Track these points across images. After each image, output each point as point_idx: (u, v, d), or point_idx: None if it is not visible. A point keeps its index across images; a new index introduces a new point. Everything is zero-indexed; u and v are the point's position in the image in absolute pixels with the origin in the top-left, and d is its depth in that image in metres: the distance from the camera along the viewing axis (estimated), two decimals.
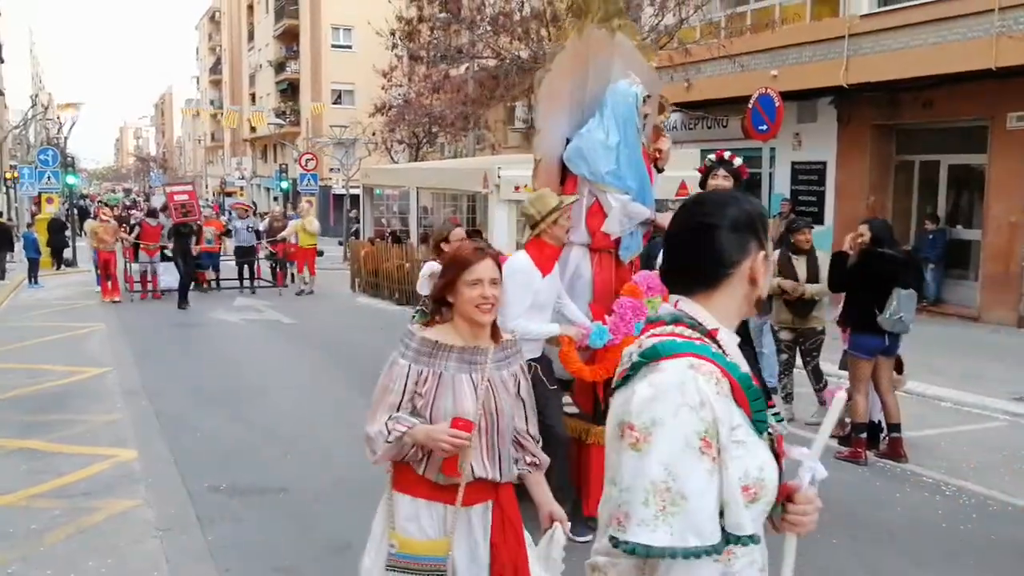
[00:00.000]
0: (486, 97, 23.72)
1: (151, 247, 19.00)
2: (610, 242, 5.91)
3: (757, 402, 1.84)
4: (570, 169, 5.89)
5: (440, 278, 3.08)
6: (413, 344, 3.05)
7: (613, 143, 5.70)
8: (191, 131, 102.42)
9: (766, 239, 1.97)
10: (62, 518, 6.02)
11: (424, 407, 3.02)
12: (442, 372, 3.02)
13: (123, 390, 9.96)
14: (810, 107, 17.18)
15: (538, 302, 5.33)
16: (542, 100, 5.97)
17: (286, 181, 41.59)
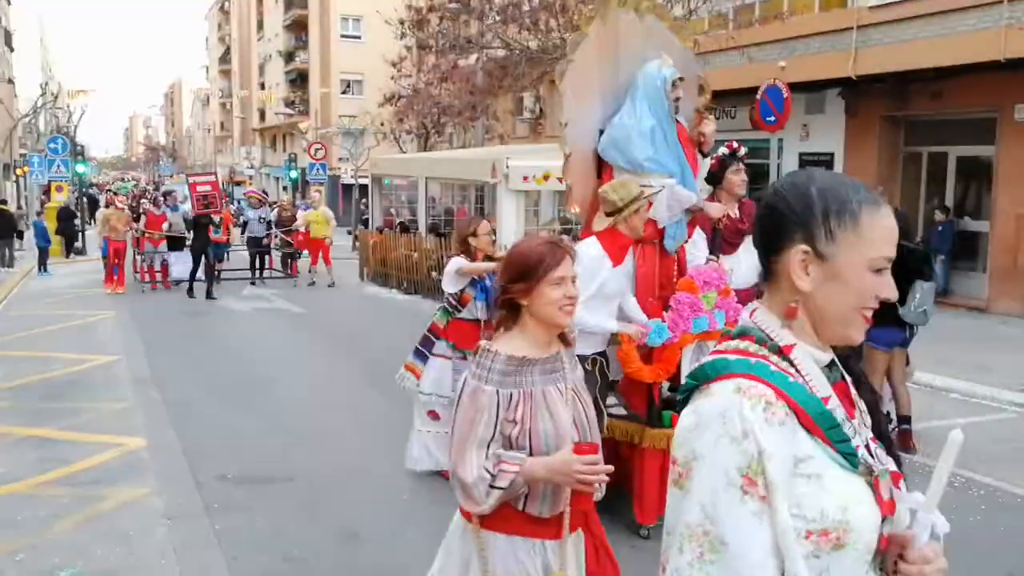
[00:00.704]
0: (495, 87, 23.70)
1: (155, 236, 18.82)
2: (654, 232, 5.64)
3: (834, 430, 1.54)
4: (606, 160, 5.67)
5: (512, 281, 2.67)
6: (498, 365, 2.63)
7: (647, 128, 5.46)
8: (200, 120, 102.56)
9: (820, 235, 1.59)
10: (71, 506, 6.08)
11: (521, 435, 2.61)
12: (532, 390, 2.64)
13: (132, 378, 10.03)
14: (818, 98, 17.14)
15: (603, 293, 5.10)
16: (567, 92, 5.70)
17: (295, 170, 41.63)
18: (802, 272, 1.60)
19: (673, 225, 5.66)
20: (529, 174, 14.04)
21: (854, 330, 1.61)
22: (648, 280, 5.64)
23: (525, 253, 2.72)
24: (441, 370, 6.51)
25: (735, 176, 6.30)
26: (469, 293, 6.42)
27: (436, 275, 16.81)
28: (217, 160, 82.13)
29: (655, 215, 5.51)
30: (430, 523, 5.76)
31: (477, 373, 2.63)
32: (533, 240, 2.81)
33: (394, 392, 9.26)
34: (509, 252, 2.81)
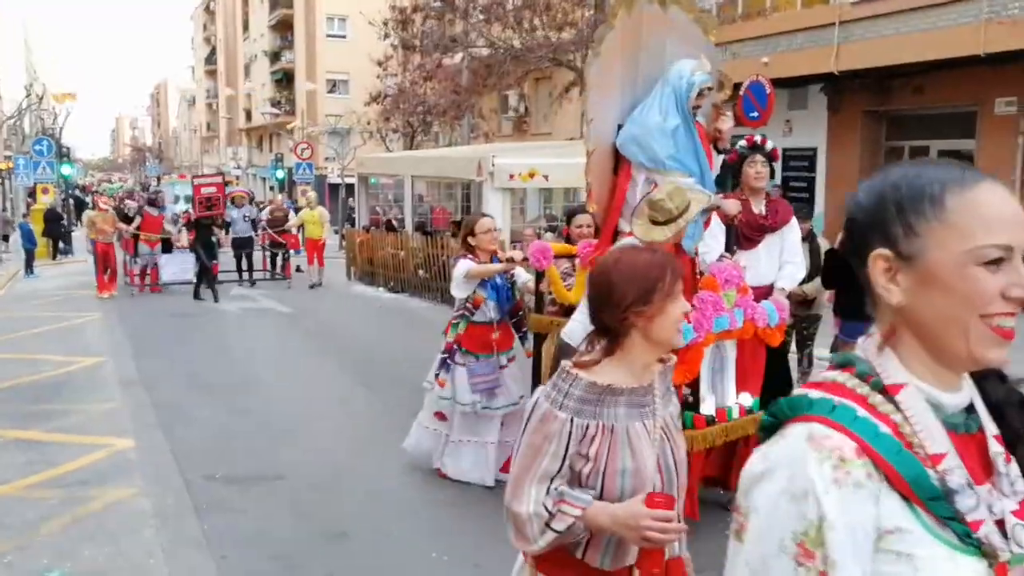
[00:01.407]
0: (479, 86, 23.78)
1: (152, 238, 18.17)
2: None
3: (936, 503, 1.21)
4: (624, 156, 5.52)
5: (635, 303, 2.25)
6: (577, 391, 2.26)
7: (671, 127, 5.33)
8: (187, 121, 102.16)
9: (899, 233, 1.29)
10: (59, 507, 6.09)
11: (592, 474, 2.26)
12: (613, 424, 2.27)
13: (119, 380, 10.03)
14: (801, 94, 17.24)
15: None
16: (592, 87, 5.59)
17: (282, 170, 41.55)
18: (887, 282, 1.30)
19: (691, 224, 5.50)
20: (515, 172, 14.10)
21: (982, 347, 1.25)
22: None
23: (643, 269, 2.30)
24: (455, 374, 6.30)
25: (750, 169, 6.18)
26: (480, 295, 6.20)
27: (423, 273, 16.88)
28: (204, 161, 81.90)
29: None
30: (420, 522, 5.82)
31: (552, 396, 2.28)
32: (636, 252, 2.44)
33: (383, 391, 9.32)
34: (610, 270, 2.34)
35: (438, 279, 16.35)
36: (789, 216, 6.27)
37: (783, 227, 6.20)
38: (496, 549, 5.29)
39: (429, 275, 16.70)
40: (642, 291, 2.27)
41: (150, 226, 18.15)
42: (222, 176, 19.95)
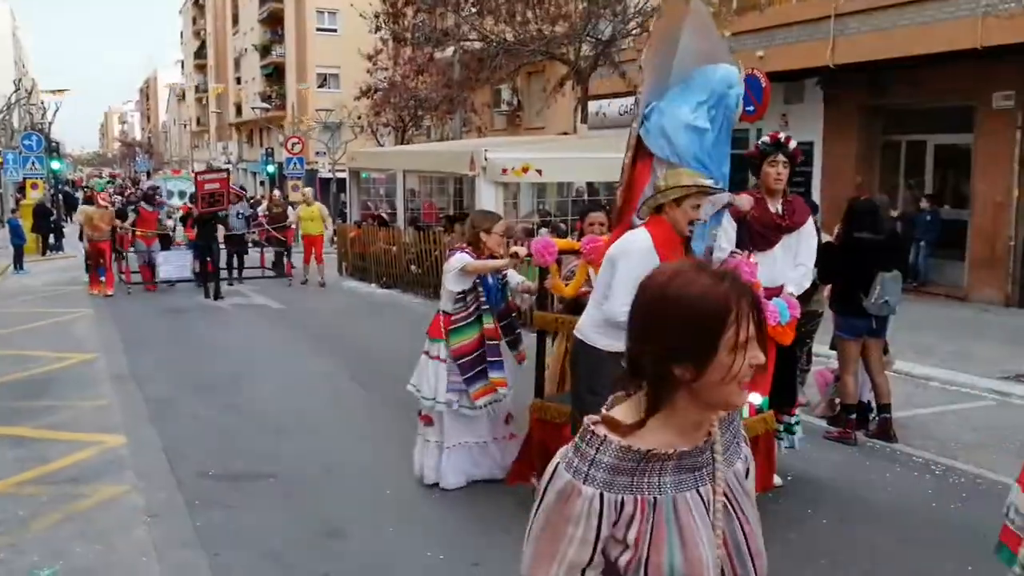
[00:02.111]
0: (471, 80, 23.66)
1: (149, 235, 17.72)
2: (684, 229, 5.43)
3: None
4: (646, 145, 5.37)
5: (678, 347, 1.65)
6: (606, 458, 1.69)
7: (700, 126, 5.25)
8: (176, 116, 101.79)
9: None
10: (49, 504, 6.00)
11: (633, 565, 1.69)
12: (657, 498, 1.70)
13: (111, 376, 9.92)
14: (797, 88, 17.18)
15: None
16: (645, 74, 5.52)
17: (272, 165, 41.40)
18: None
19: (701, 225, 5.35)
20: (508, 166, 14.00)
21: None
22: None
23: (695, 300, 1.65)
24: (437, 372, 6.08)
25: (771, 169, 5.94)
26: (480, 289, 5.99)
27: (416, 269, 16.78)
28: (194, 155, 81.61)
29: None
30: (416, 520, 5.74)
31: (574, 463, 1.70)
32: (695, 273, 1.71)
33: (376, 387, 9.24)
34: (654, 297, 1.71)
35: (430, 275, 16.24)
36: (806, 216, 6.06)
37: (800, 228, 5.99)
38: (494, 548, 5.22)
39: (422, 271, 16.60)
40: (693, 333, 1.64)
41: (146, 222, 17.81)
42: (226, 171, 19.25)
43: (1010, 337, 11.49)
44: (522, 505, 5.83)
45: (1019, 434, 7.53)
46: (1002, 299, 14.04)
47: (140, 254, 17.76)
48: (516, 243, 9.70)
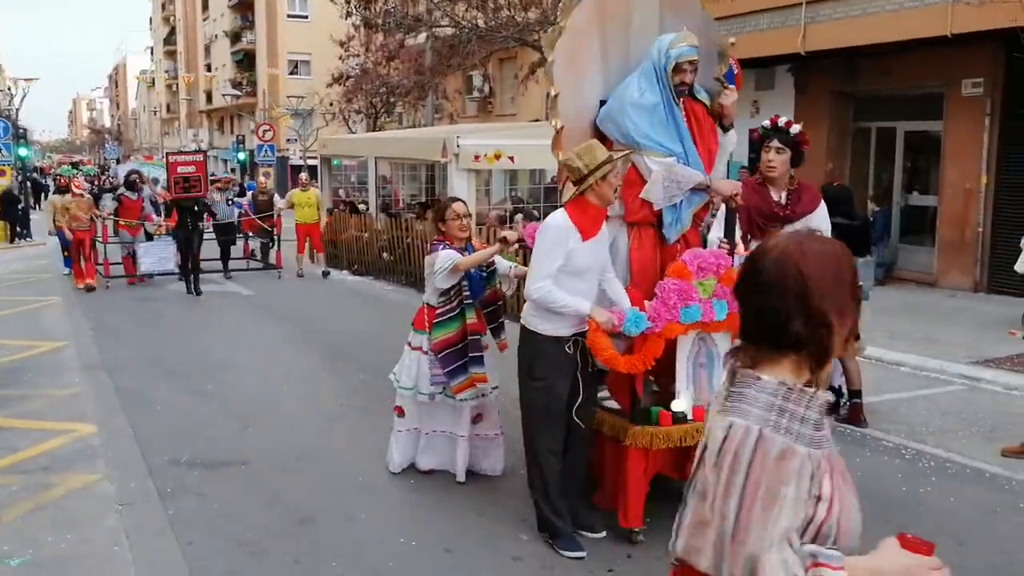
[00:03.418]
0: (443, 66, 23.61)
1: (132, 224, 16.46)
2: (650, 215, 5.27)
3: None
4: (605, 134, 5.30)
5: (813, 308, 1.76)
6: (813, 415, 1.79)
7: (648, 103, 5.12)
8: (146, 103, 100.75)
9: None
10: (20, 494, 5.95)
11: (828, 520, 1.79)
12: (830, 451, 1.83)
13: (81, 364, 9.83)
14: (768, 75, 17.24)
15: (573, 267, 4.73)
16: (558, 61, 5.28)
17: (243, 152, 41.11)
18: None
19: (671, 210, 5.26)
20: (480, 153, 13.98)
21: None
22: (645, 266, 5.28)
23: (834, 258, 1.82)
24: (419, 364, 5.98)
25: (765, 154, 5.77)
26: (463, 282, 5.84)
27: (387, 256, 16.73)
28: (164, 142, 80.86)
29: (648, 196, 5.18)
30: (388, 506, 5.75)
31: (782, 424, 1.75)
32: (821, 241, 1.86)
33: (348, 374, 9.22)
34: (798, 262, 1.79)
35: (403, 262, 16.22)
36: (813, 205, 5.85)
37: (806, 216, 5.75)
38: (466, 534, 5.24)
39: (394, 258, 16.56)
40: (842, 291, 1.80)
41: (129, 211, 16.50)
42: (203, 153, 17.70)
43: (978, 322, 11.63)
44: (492, 491, 5.87)
45: (988, 418, 7.64)
46: (971, 285, 14.20)
47: (124, 245, 16.76)
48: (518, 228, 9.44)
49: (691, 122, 5.32)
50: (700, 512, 1.81)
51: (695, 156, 5.28)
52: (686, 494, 1.90)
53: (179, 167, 15.61)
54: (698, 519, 1.81)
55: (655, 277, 5.08)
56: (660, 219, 5.31)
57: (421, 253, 15.35)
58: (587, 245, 4.76)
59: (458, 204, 5.98)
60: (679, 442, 4.93)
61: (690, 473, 1.92)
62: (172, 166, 15.73)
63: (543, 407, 4.92)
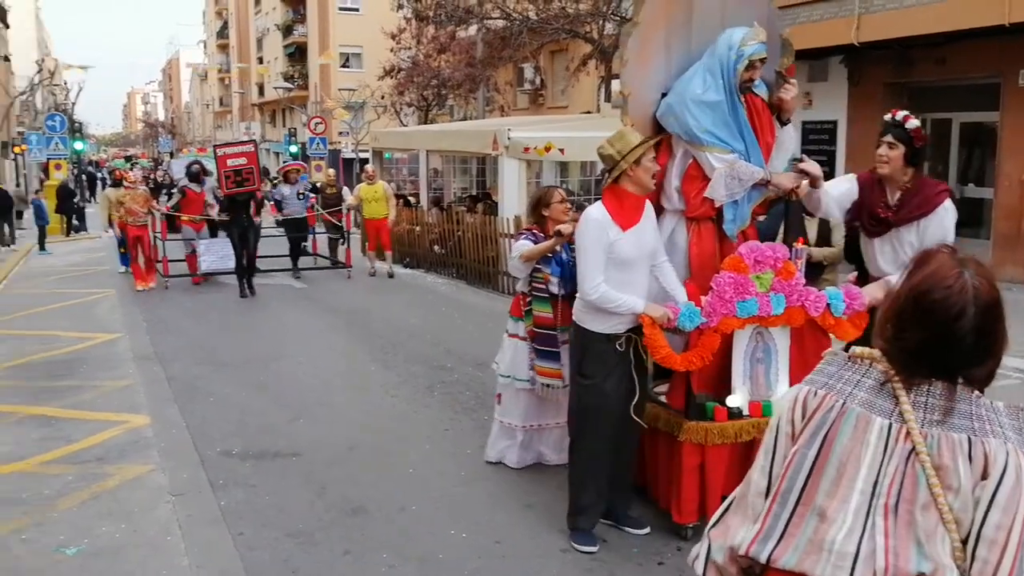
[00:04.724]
0: (494, 58, 23.61)
1: (196, 219, 15.76)
2: (710, 210, 5.21)
3: None
4: (665, 128, 5.26)
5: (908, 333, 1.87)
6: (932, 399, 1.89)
7: (711, 99, 5.05)
8: (199, 96, 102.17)
9: None
10: (75, 483, 6.07)
11: None
12: None
13: (134, 356, 10.00)
14: (821, 66, 17.00)
15: (618, 259, 4.68)
16: (631, 59, 5.24)
17: (295, 145, 41.50)
18: None
19: (731, 206, 5.20)
20: (530, 145, 13.98)
21: None
22: (705, 261, 5.20)
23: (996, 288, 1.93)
24: (515, 351, 6.02)
25: (878, 149, 5.13)
26: (546, 271, 5.81)
27: (439, 249, 16.80)
28: (216, 135, 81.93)
29: (711, 194, 5.12)
30: (437, 498, 5.77)
31: (875, 403, 1.89)
32: (937, 265, 1.89)
33: (398, 366, 9.27)
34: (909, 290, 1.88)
35: (453, 255, 16.27)
36: (923, 209, 5.14)
37: (917, 222, 5.13)
38: (515, 526, 5.25)
39: (445, 251, 16.61)
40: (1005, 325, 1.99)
41: (193, 204, 15.73)
42: (253, 143, 16.02)
43: None
44: (544, 483, 5.87)
45: None
46: None
47: (187, 242, 15.92)
48: None
49: (751, 116, 5.24)
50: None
51: (757, 152, 5.21)
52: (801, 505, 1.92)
53: (228, 160, 14.40)
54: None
55: (714, 272, 4.97)
56: (719, 214, 5.26)
57: (472, 246, 15.41)
58: (629, 235, 4.70)
59: (559, 190, 6.06)
60: (734, 438, 4.88)
61: None
62: (221, 159, 14.44)
63: (590, 406, 4.88)
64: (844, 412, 1.88)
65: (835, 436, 1.86)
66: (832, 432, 1.87)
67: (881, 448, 1.83)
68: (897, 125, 5.13)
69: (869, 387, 1.90)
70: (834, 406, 1.89)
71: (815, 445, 1.88)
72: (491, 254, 14.82)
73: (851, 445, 1.85)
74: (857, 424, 1.86)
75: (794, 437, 1.95)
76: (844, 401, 1.89)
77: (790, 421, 1.97)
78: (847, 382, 1.92)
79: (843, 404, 1.89)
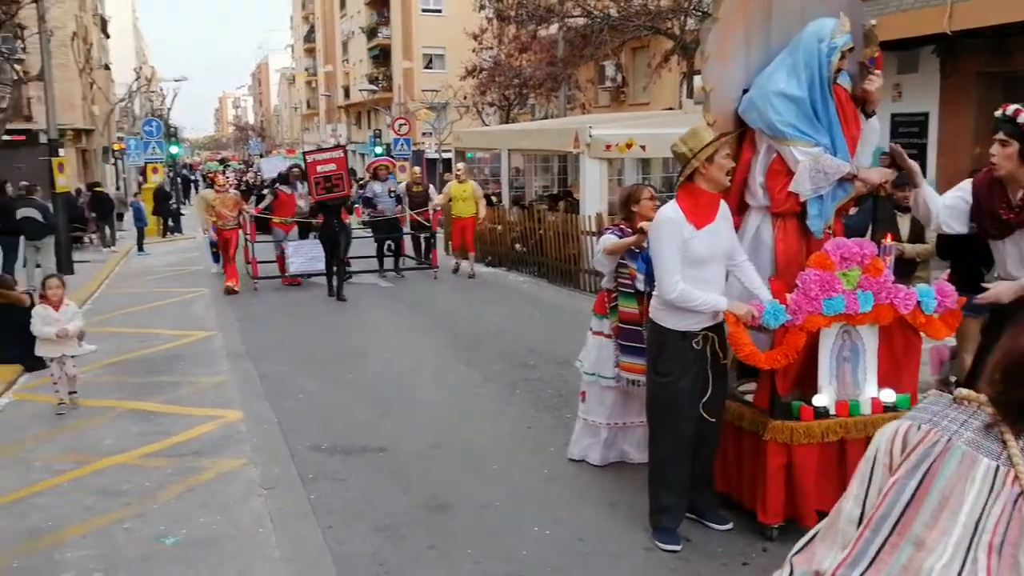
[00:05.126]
0: (576, 57, 23.60)
1: (287, 221, 15.80)
2: (795, 205, 5.14)
3: None
4: (748, 124, 5.24)
5: None
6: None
7: (795, 93, 4.99)
8: (287, 99, 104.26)
9: None
10: (173, 476, 6.30)
11: None
12: None
13: (228, 353, 10.31)
14: (911, 57, 16.56)
15: (693, 258, 4.66)
16: (711, 55, 5.22)
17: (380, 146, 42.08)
18: None
19: (816, 202, 5.11)
20: (612, 143, 13.96)
21: None
22: (791, 258, 5.14)
23: None
24: (600, 348, 6.08)
25: (991, 147, 4.80)
26: (632, 267, 5.85)
27: (520, 247, 16.87)
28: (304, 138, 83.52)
29: (796, 188, 5.04)
30: (521, 495, 5.82)
31: (984, 445, 1.90)
32: None
33: (481, 364, 9.36)
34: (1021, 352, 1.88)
35: (535, 253, 16.32)
36: None
37: None
38: (599, 524, 5.27)
39: (526, 249, 16.68)
40: None
41: (285, 206, 15.73)
42: (342, 148, 16.11)
43: None
44: (628, 481, 5.88)
45: None
46: None
47: (277, 243, 15.98)
48: None
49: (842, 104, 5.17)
50: None
51: (843, 146, 5.11)
52: None
53: (318, 166, 14.33)
54: None
55: (800, 269, 4.92)
56: (804, 209, 5.18)
57: (553, 244, 15.44)
58: (703, 234, 4.68)
59: (647, 188, 6.11)
60: (821, 438, 4.80)
61: None
62: (311, 165, 14.40)
63: (665, 403, 4.88)
64: (949, 448, 1.87)
65: (938, 469, 1.86)
66: (935, 466, 1.86)
67: (987, 488, 1.82)
68: (1008, 120, 4.78)
69: (976, 428, 1.90)
70: (938, 441, 1.89)
71: (916, 476, 1.88)
72: (572, 252, 14.83)
73: (955, 479, 1.85)
74: (963, 461, 1.85)
75: (892, 469, 1.95)
76: (949, 438, 1.89)
77: (888, 452, 1.97)
78: (952, 420, 1.92)
79: (948, 440, 1.88)
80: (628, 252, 5.84)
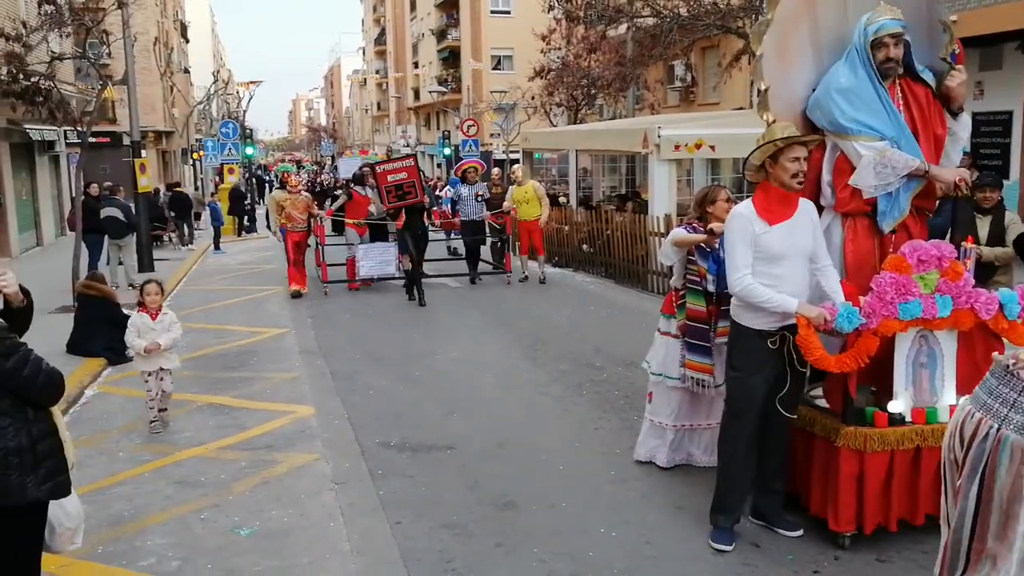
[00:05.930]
0: (644, 57, 23.48)
1: (360, 223, 15.50)
2: (863, 204, 5.08)
3: None
4: (815, 123, 5.22)
5: None
6: None
7: (851, 85, 4.98)
8: (358, 101, 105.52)
9: None
10: (248, 469, 6.46)
11: None
12: None
13: (300, 350, 10.50)
14: (995, 53, 16.12)
15: (766, 254, 4.65)
16: (767, 54, 5.20)
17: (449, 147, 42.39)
18: None
19: (886, 199, 5.02)
20: (681, 143, 13.88)
21: None
22: (861, 259, 5.10)
23: None
24: (667, 348, 6.09)
25: None
26: (702, 266, 5.83)
27: (587, 248, 16.85)
28: (375, 139, 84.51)
29: (857, 182, 5.00)
30: (587, 495, 5.84)
31: None
32: None
33: (547, 364, 9.39)
34: None
35: (602, 254, 16.30)
36: None
37: None
38: (666, 526, 5.27)
39: (594, 250, 16.66)
40: None
41: (358, 207, 15.49)
42: (412, 158, 15.46)
43: None
44: (695, 484, 5.86)
45: None
46: None
47: (349, 246, 15.72)
48: None
49: (912, 105, 5.09)
50: None
51: (911, 140, 5.03)
52: None
53: (389, 175, 14.12)
54: None
55: (872, 271, 4.87)
56: (875, 209, 5.10)
57: (621, 245, 15.40)
58: (777, 230, 4.66)
59: (724, 189, 6.08)
60: (896, 445, 4.72)
61: None
62: (381, 176, 14.20)
63: (735, 399, 4.89)
64: (1000, 440, 1.89)
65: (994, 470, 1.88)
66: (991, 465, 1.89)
67: None
68: None
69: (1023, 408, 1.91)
70: (989, 433, 1.92)
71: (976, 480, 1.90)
72: (640, 253, 14.77)
73: (1009, 480, 1.86)
74: (1013, 455, 1.86)
75: (958, 465, 1.98)
76: (999, 426, 1.90)
77: (950, 448, 2.01)
78: (1004, 402, 1.94)
79: (998, 430, 1.90)
80: (699, 251, 5.82)
